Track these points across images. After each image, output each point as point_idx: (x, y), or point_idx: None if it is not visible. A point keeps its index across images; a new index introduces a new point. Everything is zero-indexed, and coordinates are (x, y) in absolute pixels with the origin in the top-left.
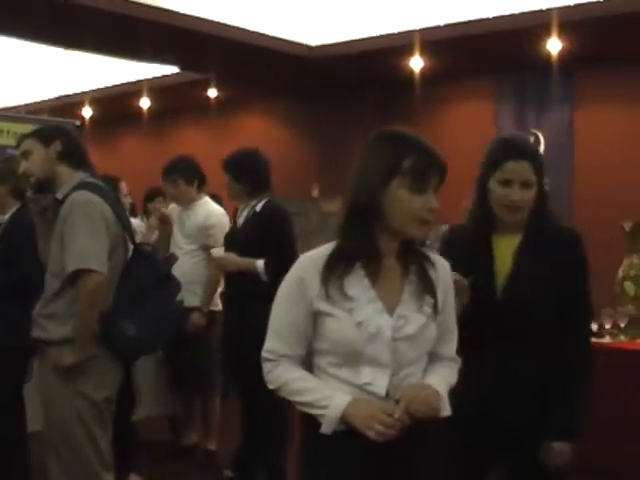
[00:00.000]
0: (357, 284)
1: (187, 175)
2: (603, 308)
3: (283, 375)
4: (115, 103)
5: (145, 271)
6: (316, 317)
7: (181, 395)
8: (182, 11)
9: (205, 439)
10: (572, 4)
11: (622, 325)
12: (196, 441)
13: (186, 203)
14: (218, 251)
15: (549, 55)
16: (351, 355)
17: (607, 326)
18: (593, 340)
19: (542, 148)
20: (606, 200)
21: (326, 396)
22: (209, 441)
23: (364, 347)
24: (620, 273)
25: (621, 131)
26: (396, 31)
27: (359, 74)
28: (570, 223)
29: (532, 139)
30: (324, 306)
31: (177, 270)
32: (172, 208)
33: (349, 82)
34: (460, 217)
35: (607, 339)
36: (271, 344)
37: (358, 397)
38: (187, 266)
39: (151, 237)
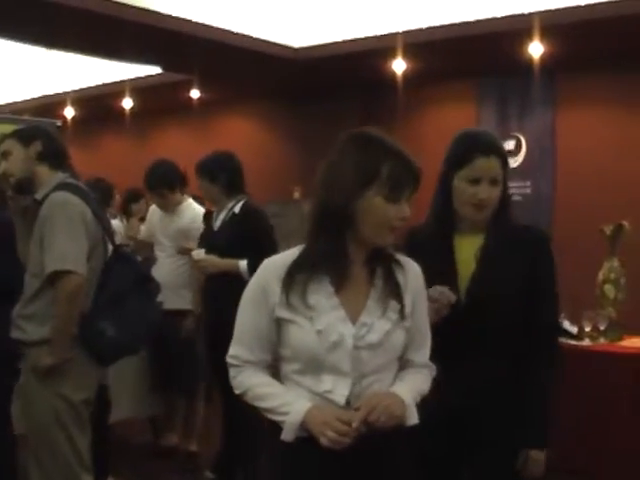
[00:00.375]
0: (320, 291)
1: (170, 184)
2: (583, 311)
3: (246, 381)
4: (97, 103)
5: (124, 272)
6: (279, 324)
7: (163, 396)
8: (165, 12)
9: (186, 440)
10: (554, 8)
11: (602, 328)
12: (177, 442)
13: (171, 207)
14: (199, 253)
15: (531, 59)
16: (313, 363)
17: (587, 329)
18: (573, 343)
19: (524, 151)
20: (588, 203)
21: (287, 402)
22: (190, 442)
23: (325, 355)
24: (600, 276)
25: (603, 134)
26: (379, 33)
27: (342, 76)
28: (551, 226)
29: (514, 142)
30: (285, 313)
31: (161, 272)
32: (153, 209)
33: (332, 84)
34: None
35: (587, 342)
36: (235, 350)
37: (318, 404)
38: (171, 269)
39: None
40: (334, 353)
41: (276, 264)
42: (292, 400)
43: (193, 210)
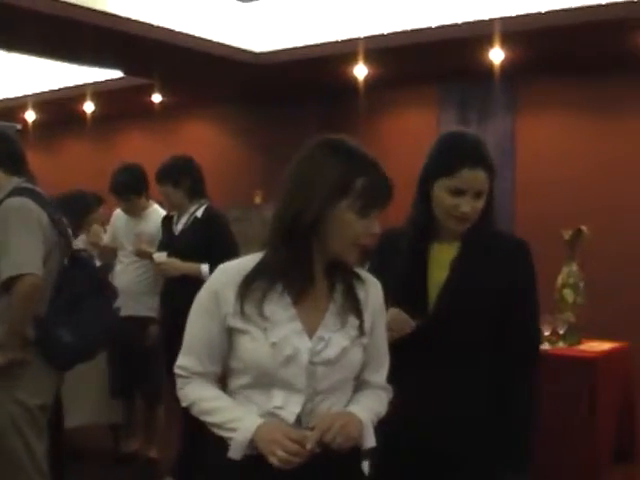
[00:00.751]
0: (277, 301)
1: (137, 188)
2: (542, 315)
3: (194, 393)
4: (58, 107)
5: (81, 277)
6: (230, 334)
7: (124, 402)
8: (125, 15)
9: (147, 446)
10: (514, 15)
11: (561, 332)
12: (137, 449)
13: (137, 212)
14: (160, 256)
15: (492, 65)
16: (264, 377)
17: (546, 333)
18: None
19: None
20: (547, 208)
21: (236, 418)
22: (151, 449)
23: (278, 370)
24: (559, 281)
25: (562, 140)
26: (341, 39)
27: (304, 81)
28: (512, 231)
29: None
30: (238, 323)
31: (124, 279)
32: (117, 214)
33: (294, 89)
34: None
35: (546, 345)
36: (183, 360)
37: (268, 421)
38: (135, 275)
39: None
40: (288, 368)
41: (232, 270)
42: (241, 416)
43: (159, 215)
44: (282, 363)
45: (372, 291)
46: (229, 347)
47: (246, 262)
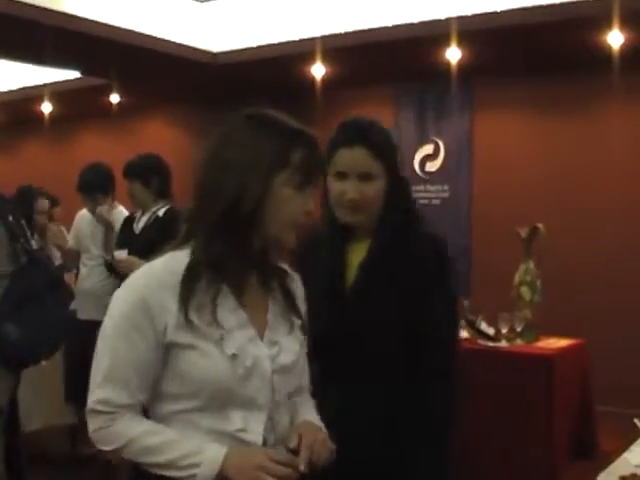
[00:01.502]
0: (225, 305)
1: (104, 188)
2: (500, 312)
3: (126, 431)
4: (15, 107)
5: (37, 276)
6: (169, 351)
7: (83, 404)
8: (83, 15)
9: None
10: (471, 14)
11: (518, 329)
12: (96, 451)
13: None
14: (121, 254)
15: (449, 64)
16: (220, 396)
17: (504, 330)
18: (490, 344)
19: (442, 156)
20: (504, 207)
21: (195, 450)
22: None
23: (237, 386)
24: (517, 278)
25: (519, 139)
26: (298, 38)
27: (262, 81)
28: (469, 229)
29: (433, 147)
30: (183, 337)
31: (88, 281)
32: (81, 215)
33: (252, 89)
34: None
35: (504, 343)
36: (104, 393)
37: (235, 447)
38: (100, 279)
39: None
40: (249, 381)
41: (161, 272)
42: (201, 446)
43: (124, 217)
44: (243, 377)
45: (299, 285)
46: (163, 366)
47: (173, 261)
